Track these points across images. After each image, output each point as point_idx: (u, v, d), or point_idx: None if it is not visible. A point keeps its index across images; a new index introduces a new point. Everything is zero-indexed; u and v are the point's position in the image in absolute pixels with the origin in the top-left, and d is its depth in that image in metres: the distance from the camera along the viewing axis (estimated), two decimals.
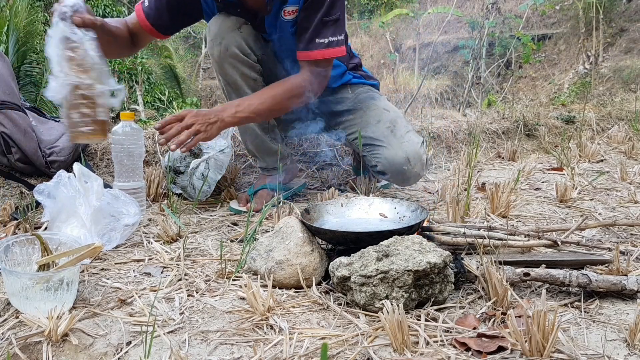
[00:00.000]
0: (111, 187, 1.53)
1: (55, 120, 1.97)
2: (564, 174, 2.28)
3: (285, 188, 1.79)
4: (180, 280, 1.15)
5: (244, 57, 1.61)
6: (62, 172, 1.39)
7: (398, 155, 1.63)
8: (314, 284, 1.10)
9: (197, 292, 1.09)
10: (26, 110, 1.82)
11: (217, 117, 1.47)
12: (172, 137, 1.40)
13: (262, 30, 1.65)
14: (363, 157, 1.76)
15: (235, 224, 1.57)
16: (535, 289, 1.10)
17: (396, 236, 1.07)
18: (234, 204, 1.70)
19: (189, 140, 1.41)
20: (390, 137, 1.68)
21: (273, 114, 1.65)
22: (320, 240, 1.23)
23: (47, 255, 1.04)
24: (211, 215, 1.65)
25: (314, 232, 1.19)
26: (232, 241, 1.40)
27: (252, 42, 1.62)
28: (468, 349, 0.86)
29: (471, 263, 1.10)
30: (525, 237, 1.27)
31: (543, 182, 2.15)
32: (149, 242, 1.38)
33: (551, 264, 1.15)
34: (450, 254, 1.02)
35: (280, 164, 1.78)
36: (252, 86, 1.64)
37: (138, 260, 1.27)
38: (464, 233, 1.22)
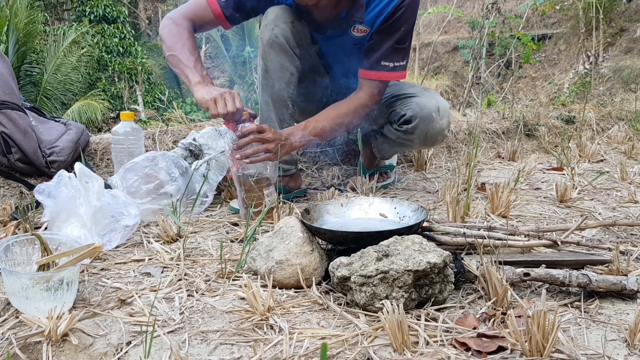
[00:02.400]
0: (111, 188, 1.53)
1: (55, 120, 1.97)
2: (564, 174, 2.28)
3: (285, 190, 1.80)
4: (180, 280, 1.15)
5: (289, 48, 1.66)
6: (62, 172, 1.39)
7: (430, 102, 1.73)
8: (314, 284, 1.10)
9: (197, 292, 1.09)
10: (26, 110, 1.82)
11: (286, 140, 1.56)
12: (244, 145, 1.50)
13: (321, 33, 1.72)
14: (391, 112, 1.81)
15: (235, 224, 1.57)
16: (535, 289, 1.10)
17: (396, 236, 1.07)
18: (234, 204, 1.70)
19: (254, 156, 1.51)
20: (424, 92, 1.80)
21: (336, 134, 1.73)
22: (320, 240, 1.23)
23: (47, 255, 1.04)
24: (211, 215, 1.65)
25: (314, 232, 1.19)
26: (232, 241, 1.40)
27: (299, 38, 1.68)
28: (468, 349, 0.87)
29: (471, 263, 1.10)
30: (525, 237, 1.27)
31: (543, 182, 2.15)
32: (149, 242, 1.38)
33: (551, 264, 1.15)
34: (450, 254, 1.02)
35: (293, 167, 1.82)
36: (286, 79, 1.68)
37: (138, 260, 1.27)
38: (464, 233, 1.22)
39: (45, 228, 1.39)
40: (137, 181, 1.54)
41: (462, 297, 1.06)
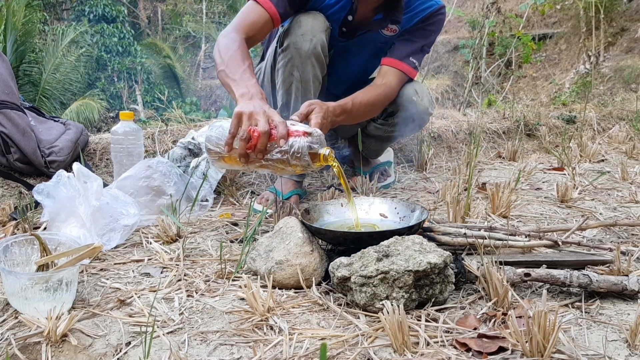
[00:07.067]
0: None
1: (55, 120, 1.97)
2: (564, 174, 2.27)
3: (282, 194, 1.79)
4: (179, 280, 1.15)
5: (323, 58, 1.64)
6: (61, 172, 1.38)
7: (407, 88, 1.76)
8: (314, 284, 1.09)
9: (196, 293, 1.08)
10: (25, 110, 1.82)
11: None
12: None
13: (350, 37, 1.73)
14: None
15: (235, 224, 1.56)
16: (536, 290, 1.09)
17: (396, 236, 1.07)
18: (256, 206, 1.67)
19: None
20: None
21: (362, 120, 1.72)
22: (320, 241, 1.23)
23: (46, 255, 1.03)
24: (211, 216, 1.65)
25: (314, 232, 1.19)
26: (231, 241, 1.40)
27: (327, 46, 1.66)
28: (469, 349, 0.86)
29: (472, 263, 1.10)
30: (525, 237, 1.27)
31: (544, 182, 2.15)
32: (148, 243, 1.38)
33: (552, 264, 1.14)
34: (450, 254, 1.02)
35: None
36: (316, 88, 1.66)
37: (137, 261, 1.27)
38: (465, 233, 1.22)
39: (44, 228, 1.39)
40: (133, 194, 1.51)
41: (463, 297, 1.06)
